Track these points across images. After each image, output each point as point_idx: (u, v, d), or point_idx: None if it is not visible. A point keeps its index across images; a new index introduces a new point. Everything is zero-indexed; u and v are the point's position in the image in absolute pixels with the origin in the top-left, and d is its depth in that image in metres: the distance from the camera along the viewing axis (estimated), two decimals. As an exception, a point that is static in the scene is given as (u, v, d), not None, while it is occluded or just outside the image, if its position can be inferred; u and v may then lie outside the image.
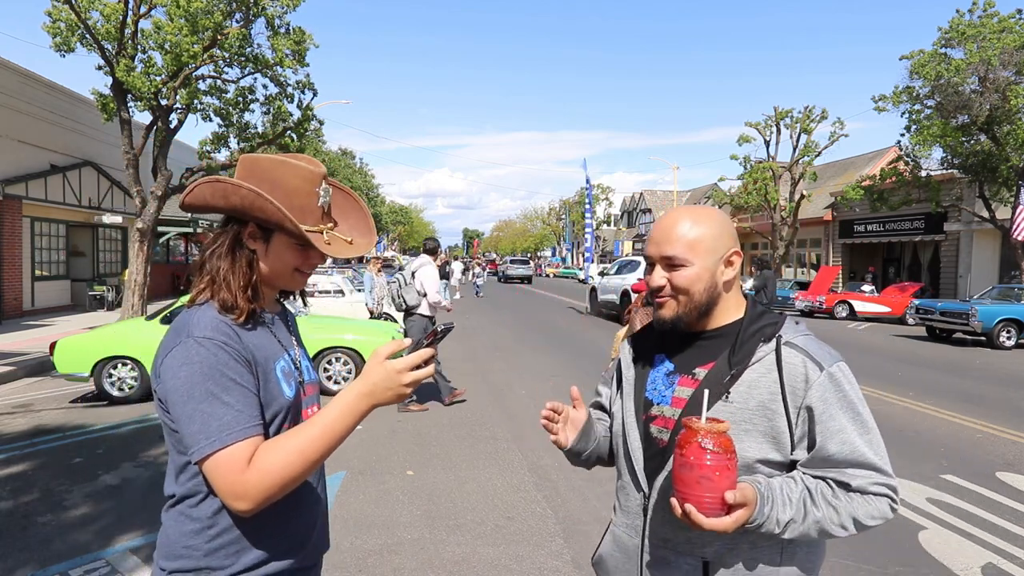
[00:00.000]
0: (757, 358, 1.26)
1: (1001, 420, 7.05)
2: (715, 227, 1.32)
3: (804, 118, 23.58)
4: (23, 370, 8.98)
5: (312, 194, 1.29)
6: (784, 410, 1.23)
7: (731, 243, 1.34)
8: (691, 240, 1.30)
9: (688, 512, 1.10)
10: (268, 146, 15.24)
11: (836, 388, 1.23)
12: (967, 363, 11.50)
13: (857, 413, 1.23)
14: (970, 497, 4.69)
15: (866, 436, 1.23)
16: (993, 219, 18.37)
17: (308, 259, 1.32)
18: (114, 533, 3.88)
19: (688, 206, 1.39)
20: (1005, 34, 16.89)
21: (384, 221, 58.34)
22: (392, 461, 5.37)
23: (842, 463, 1.22)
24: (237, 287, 1.25)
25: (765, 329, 1.29)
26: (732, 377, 1.26)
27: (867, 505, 1.22)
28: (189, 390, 1.14)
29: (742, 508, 1.12)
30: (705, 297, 1.31)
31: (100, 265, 19.20)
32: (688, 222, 1.31)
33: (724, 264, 1.32)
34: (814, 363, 1.24)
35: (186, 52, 12.30)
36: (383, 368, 1.16)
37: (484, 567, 3.55)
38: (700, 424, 1.11)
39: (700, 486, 1.09)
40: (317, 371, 7.87)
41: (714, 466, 1.08)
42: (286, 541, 1.26)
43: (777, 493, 1.19)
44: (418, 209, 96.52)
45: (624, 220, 68.34)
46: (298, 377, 1.34)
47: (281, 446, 1.15)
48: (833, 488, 1.22)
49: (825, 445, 1.21)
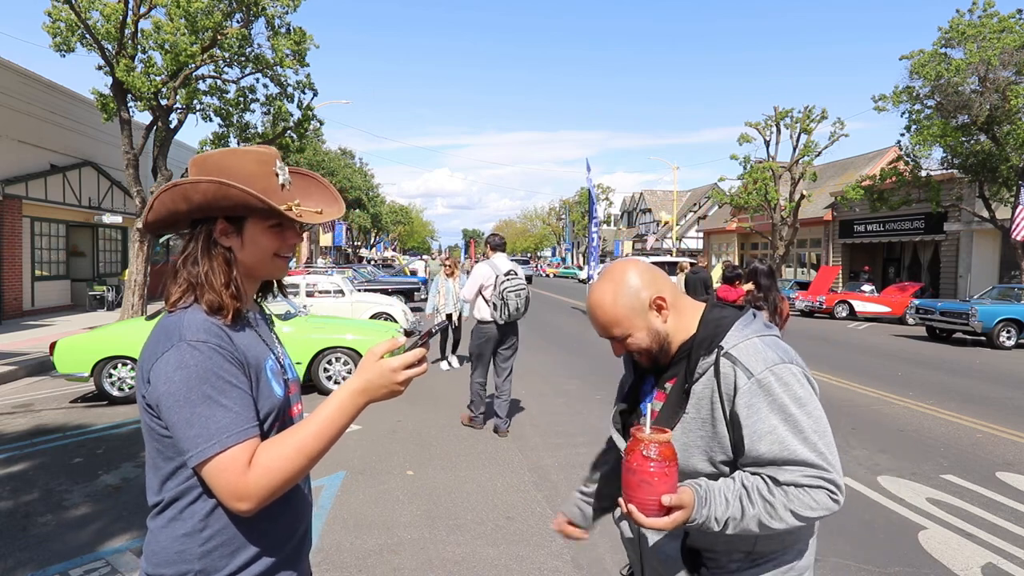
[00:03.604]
0: (700, 371, 1.38)
1: (1001, 420, 7.05)
2: (628, 291, 1.42)
3: (804, 118, 23.57)
4: (23, 370, 8.98)
5: (270, 175, 1.28)
6: (723, 416, 1.34)
7: (651, 292, 1.42)
8: (617, 316, 1.42)
9: (631, 512, 1.23)
10: (268, 146, 15.24)
11: (765, 393, 1.30)
12: (967, 363, 11.50)
13: (789, 414, 1.30)
14: (970, 497, 4.69)
15: (799, 436, 1.29)
16: (993, 219, 18.36)
17: (285, 240, 1.31)
18: (114, 533, 3.88)
19: (601, 280, 1.49)
20: (1005, 34, 16.88)
21: (384, 221, 58.35)
22: (392, 461, 5.37)
23: (775, 461, 1.29)
24: (220, 286, 1.24)
25: (705, 342, 1.39)
26: (685, 392, 1.39)
27: (804, 497, 1.28)
28: (186, 394, 1.13)
29: (679, 510, 1.23)
30: (658, 343, 1.43)
31: (100, 265, 19.20)
32: (607, 301, 1.43)
33: (655, 313, 1.43)
34: (743, 370, 1.32)
35: (186, 52, 12.31)
36: (378, 366, 1.18)
37: (484, 567, 3.55)
38: (644, 434, 1.22)
39: (641, 489, 1.21)
40: (318, 371, 7.91)
41: (654, 472, 1.20)
42: (276, 538, 1.27)
43: (715, 494, 1.29)
44: (418, 209, 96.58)
45: (624, 220, 68.35)
46: (284, 375, 1.34)
47: (280, 445, 1.15)
48: (768, 484, 1.30)
49: (755, 446, 1.30)
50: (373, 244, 68.05)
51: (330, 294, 13.26)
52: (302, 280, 13.21)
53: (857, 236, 26.98)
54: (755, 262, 5.07)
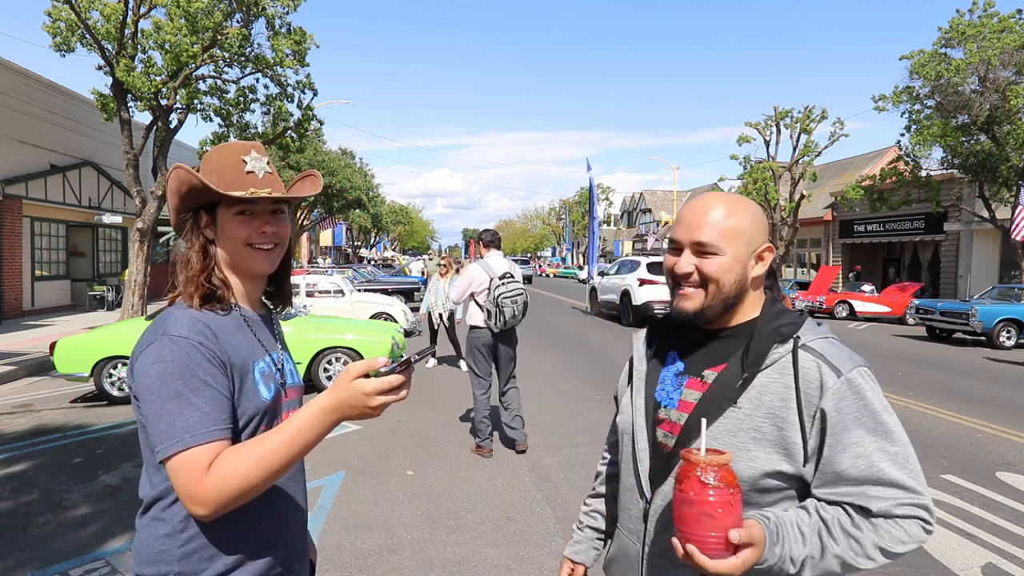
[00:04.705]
0: (770, 361, 1.17)
1: (1001, 420, 7.05)
2: (751, 218, 1.24)
3: (804, 118, 23.55)
4: (23, 370, 8.98)
5: (238, 164, 1.28)
6: (798, 418, 1.13)
7: (765, 237, 1.26)
8: (727, 228, 1.21)
9: (690, 553, 1.00)
10: (268, 146, 15.25)
11: (855, 395, 1.13)
12: (967, 363, 11.50)
13: (880, 423, 1.12)
14: (970, 497, 4.69)
15: (889, 449, 1.11)
16: (993, 219, 18.36)
17: (254, 229, 1.29)
18: (114, 533, 3.88)
19: (723, 193, 1.31)
20: (1005, 34, 16.88)
21: (384, 221, 58.30)
22: (392, 461, 5.37)
23: (859, 480, 1.10)
24: (193, 272, 1.26)
25: (782, 329, 1.19)
26: (744, 381, 1.17)
27: (894, 530, 1.09)
28: (159, 388, 1.13)
29: (749, 548, 1.01)
30: (733, 290, 1.22)
31: (100, 265, 19.21)
32: (724, 209, 1.22)
33: (756, 259, 1.24)
34: (831, 368, 1.14)
35: (186, 52, 12.31)
36: (351, 387, 1.10)
37: (484, 567, 3.55)
38: (699, 456, 1.02)
39: (701, 524, 1.00)
40: (318, 371, 7.91)
41: (716, 502, 0.99)
42: (257, 544, 1.24)
43: (788, 529, 1.09)
44: (417, 209, 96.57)
45: (624, 220, 68.34)
46: (279, 380, 1.32)
47: (242, 453, 1.12)
48: (851, 515, 1.11)
49: (836, 459, 1.11)
50: (373, 244, 68.05)
51: (330, 294, 13.26)
52: (302, 280, 13.21)
53: (857, 236, 26.99)
54: None
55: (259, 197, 1.27)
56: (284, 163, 22.36)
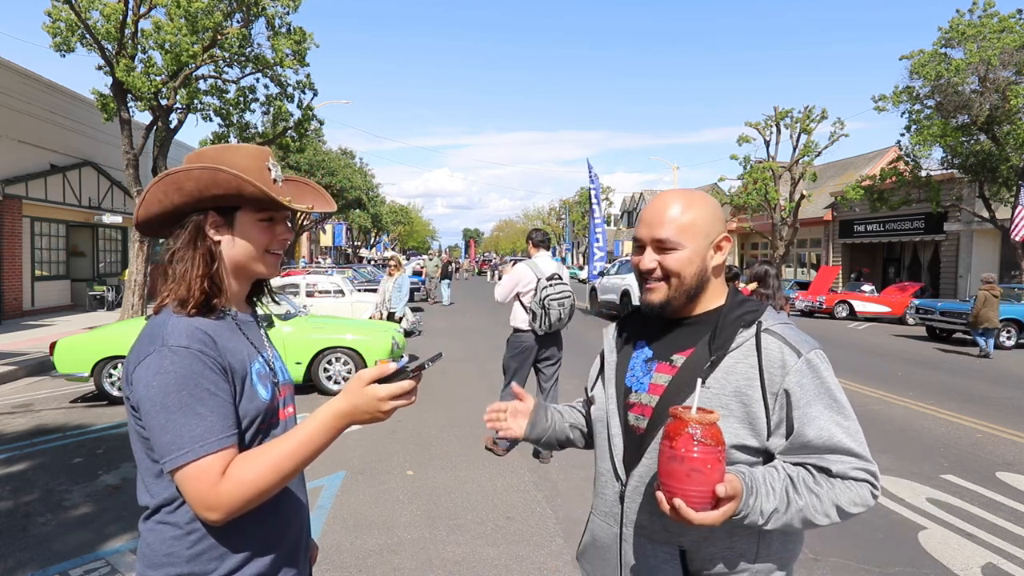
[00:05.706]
0: (736, 344, 1.27)
1: (1001, 420, 7.05)
2: (707, 211, 1.32)
3: (804, 118, 23.54)
4: (23, 370, 8.98)
5: (263, 170, 1.27)
6: (761, 395, 1.23)
7: (721, 228, 1.34)
8: (683, 224, 1.30)
9: (677, 507, 1.07)
10: (268, 146, 15.24)
11: (813, 374, 1.24)
12: (967, 363, 11.50)
13: (834, 399, 1.24)
14: (970, 497, 4.69)
15: (843, 423, 1.23)
16: (993, 219, 18.37)
17: (276, 236, 1.29)
18: (114, 533, 3.88)
19: (679, 189, 1.40)
20: (1005, 34, 16.88)
21: (384, 221, 58.29)
22: (392, 461, 5.38)
23: (820, 449, 1.22)
24: (193, 277, 1.22)
25: (746, 316, 1.30)
26: (712, 363, 1.26)
27: (849, 491, 1.21)
28: (163, 400, 1.12)
29: (730, 501, 1.10)
30: (695, 281, 1.31)
31: (100, 265, 19.20)
32: (680, 205, 1.31)
33: (714, 249, 1.33)
34: (791, 348, 1.24)
35: (186, 52, 12.31)
36: (365, 392, 1.15)
37: (484, 567, 3.55)
38: (690, 415, 1.08)
39: (690, 479, 1.06)
40: (318, 371, 7.91)
41: (705, 458, 1.05)
42: (265, 542, 1.26)
43: (760, 483, 1.18)
44: (417, 209, 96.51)
45: (624, 220, 68.34)
46: (273, 378, 1.32)
47: (255, 459, 1.13)
48: (814, 475, 1.22)
49: (803, 431, 1.21)
50: (373, 244, 68.04)
51: (330, 294, 13.26)
52: (302, 280, 13.21)
53: (857, 236, 26.98)
54: (764, 264, 5.10)
55: (303, 208, 1.29)
56: (284, 163, 22.37)
